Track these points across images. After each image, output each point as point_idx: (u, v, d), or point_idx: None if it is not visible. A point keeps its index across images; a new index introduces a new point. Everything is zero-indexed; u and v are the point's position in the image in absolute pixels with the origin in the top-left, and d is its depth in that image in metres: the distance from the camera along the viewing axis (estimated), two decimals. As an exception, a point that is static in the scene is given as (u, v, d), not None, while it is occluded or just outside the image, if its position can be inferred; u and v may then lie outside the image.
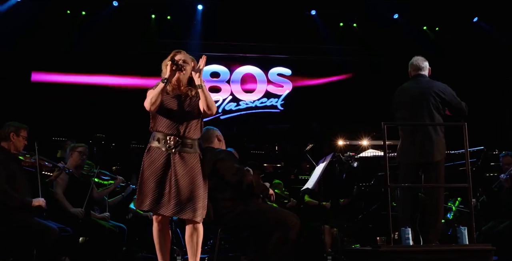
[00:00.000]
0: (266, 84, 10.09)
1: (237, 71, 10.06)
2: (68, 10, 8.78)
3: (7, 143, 4.70)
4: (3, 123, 4.83)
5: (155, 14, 9.17)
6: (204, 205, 3.76)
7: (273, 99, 10.05)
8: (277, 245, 4.36)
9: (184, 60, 3.81)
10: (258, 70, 10.13)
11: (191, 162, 3.71)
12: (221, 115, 9.88)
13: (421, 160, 4.68)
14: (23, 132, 4.75)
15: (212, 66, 9.96)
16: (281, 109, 10.03)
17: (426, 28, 9.75)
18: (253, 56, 10.08)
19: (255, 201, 4.58)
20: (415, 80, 4.93)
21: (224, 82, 10.01)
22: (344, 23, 9.70)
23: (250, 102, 10.01)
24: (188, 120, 3.72)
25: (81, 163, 5.47)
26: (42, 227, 4.46)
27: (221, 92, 9.97)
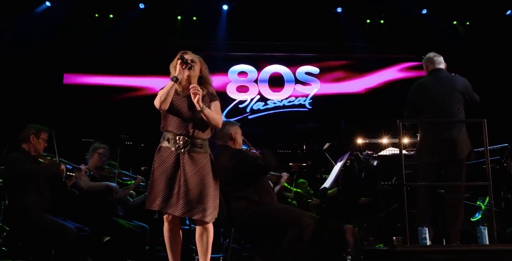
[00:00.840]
0: (293, 83, 10.03)
1: (264, 70, 10.03)
2: (96, 13, 8.93)
3: (27, 145, 4.84)
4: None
5: (181, 15, 9.23)
6: (215, 205, 3.76)
7: (301, 98, 9.98)
8: (291, 245, 4.35)
9: (192, 60, 3.83)
10: (285, 69, 10.07)
11: (201, 162, 3.72)
12: (249, 115, 9.87)
13: (444, 158, 4.57)
14: (43, 134, 4.87)
15: (239, 66, 9.97)
16: (309, 108, 9.95)
17: (456, 22, 9.51)
18: (280, 55, 10.03)
19: (268, 201, 4.57)
20: (435, 75, 4.81)
21: (252, 81, 9.99)
22: (371, 20, 9.55)
23: (278, 101, 9.96)
24: (197, 120, 3.73)
25: (101, 164, 5.57)
26: (59, 226, 4.57)
27: (248, 92, 9.95)
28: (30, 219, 4.57)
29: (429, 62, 4.90)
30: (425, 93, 4.73)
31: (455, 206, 4.56)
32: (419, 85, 4.85)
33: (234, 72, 9.96)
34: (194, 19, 9.35)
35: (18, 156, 4.76)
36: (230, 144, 4.67)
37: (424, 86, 4.78)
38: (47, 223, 4.56)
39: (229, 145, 4.66)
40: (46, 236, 4.55)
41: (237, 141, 4.70)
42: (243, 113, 9.86)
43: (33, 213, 4.59)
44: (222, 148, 4.65)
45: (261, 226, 4.49)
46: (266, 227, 4.50)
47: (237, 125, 4.76)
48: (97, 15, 8.96)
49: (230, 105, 9.82)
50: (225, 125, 4.70)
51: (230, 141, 4.67)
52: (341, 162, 5.19)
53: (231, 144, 4.68)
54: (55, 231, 4.53)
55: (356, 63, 9.93)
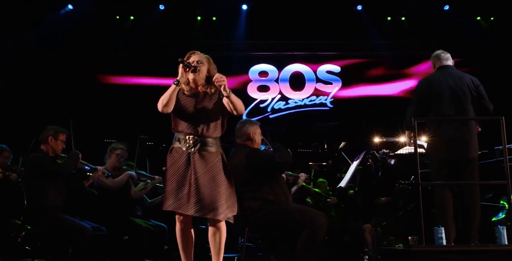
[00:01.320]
0: (314, 82, 9.99)
1: (285, 70, 10.02)
2: (117, 15, 9.03)
3: (45, 146, 4.92)
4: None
5: (201, 16, 9.27)
6: (229, 204, 3.73)
7: (322, 96, 9.94)
8: (305, 244, 4.34)
9: (198, 61, 3.81)
10: (306, 68, 10.05)
11: (212, 161, 3.71)
12: (270, 114, 9.87)
13: (455, 157, 4.50)
14: (61, 135, 4.95)
15: (260, 65, 9.98)
16: (330, 107, 9.91)
17: (480, 18, 9.35)
18: (301, 54, 10.00)
19: (283, 201, 4.56)
20: (443, 72, 4.73)
21: (273, 81, 9.99)
22: (392, 17, 9.46)
23: (299, 100, 9.94)
24: (206, 119, 3.72)
25: (118, 165, 5.61)
26: (76, 226, 4.63)
27: (269, 91, 9.95)
28: (48, 219, 4.65)
29: (436, 59, 4.82)
30: (433, 89, 4.64)
31: (472, 206, 4.48)
32: (427, 81, 4.76)
33: (255, 71, 9.97)
34: (214, 19, 9.38)
35: (38, 156, 4.85)
36: (248, 144, 4.67)
37: (432, 83, 4.69)
38: (64, 223, 4.63)
39: (247, 145, 4.66)
40: (63, 235, 4.62)
41: (255, 141, 4.69)
42: (264, 113, 9.86)
43: (50, 213, 4.66)
44: (239, 146, 4.66)
45: (275, 225, 4.48)
46: (280, 226, 4.50)
47: (257, 125, 4.76)
48: (118, 17, 9.05)
49: (251, 105, 9.83)
50: (245, 124, 4.72)
51: (248, 140, 4.68)
52: (356, 161, 5.15)
53: (249, 143, 4.68)
54: (71, 231, 4.60)
55: (377, 61, 9.83)
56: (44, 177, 4.77)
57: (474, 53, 8.96)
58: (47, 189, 4.73)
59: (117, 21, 9.12)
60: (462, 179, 4.52)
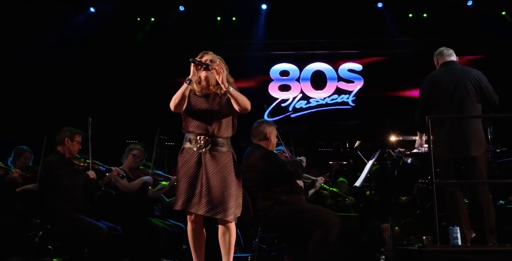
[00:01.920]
0: (336, 80, 9.93)
1: (306, 69, 9.98)
2: (138, 17, 9.13)
3: (62, 147, 5.01)
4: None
5: (220, 16, 9.30)
6: (238, 204, 3.76)
7: (344, 95, 9.87)
8: (318, 244, 4.34)
9: (211, 60, 3.83)
10: (328, 66, 9.99)
11: (223, 161, 3.73)
12: (292, 114, 9.84)
13: (460, 155, 4.43)
14: (77, 137, 5.03)
15: (281, 65, 9.97)
16: (352, 105, 9.83)
17: (505, 13, 9.15)
18: (322, 53, 9.95)
19: (295, 201, 4.56)
20: (448, 68, 4.66)
21: (294, 80, 9.96)
22: (413, 14, 9.33)
23: (320, 99, 9.89)
24: (217, 119, 3.75)
25: (135, 165, 5.68)
26: (92, 226, 4.71)
27: (291, 91, 9.93)
28: (64, 219, 4.73)
29: (439, 56, 4.76)
30: (437, 86, 4.58)
31: (483, 205, 4.40)
32: (430, 78, 4.70)
33: (276, 71, 9.96)
34: (234, 19, 9.39)
35: (53, 160, 4.93)
36: (263, 144, 4.71)
37: (435, 79, 4.62)
38: (80, 223, 4.71)
39: (262, 145, 4.69)
40: (79, 235, 4.69)
41: (271, 141, 4.73)
42: (286, 112, 9.84)
43: (66, 213, 4.75)
44: (254, 146, 4.69)
45: (287, 225, 4.50)
46: (293, 226, 4.51)
47: (273, 126, 4.80)
48: (139, 19, 9.15)
49: (273, 104, 9.82)
50: (262, 123, 4.77)
51: (264, 140, 4.72)
52: (371, 160, 5.11)
53: (264, 143, 4.71)
54: (87, 230, 4.68)
55: (399, 59, 9.71)
56: (58, 184, 4.85)
57: (498, 50, 8.79)
58: (63, 190, 4.81)
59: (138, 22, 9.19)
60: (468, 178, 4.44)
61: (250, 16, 9.29)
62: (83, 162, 5.09)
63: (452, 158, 4.48)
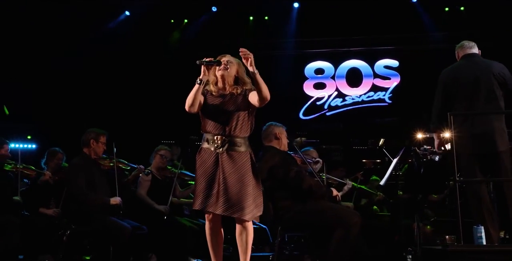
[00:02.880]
0: (372, 77, 9.80)
1: (341, 66, 9.90)
2: (172, 19, 9.27)
3: (88, 149, 5.13)
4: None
5: (253, 16, 9.33)
6: (256, 203, 3.75)
7: (380, 92, 9.74)
8: (338, 244, 4.30)
9: (228, 60, 3.86)
10: (363, 63, 9.88)
11: (240, 160, 3.74)
12: (327, 112, 9.79)
13: (483, 151, 4.28)
14: (102, 138, 5.14)
15: (316, 63, 9.93)
16: (389, 103, 9.69)
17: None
18: (357, 50, 9.84)
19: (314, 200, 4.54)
20: (469, 61, 4.49)
21: (329, 78, 9.90)
22: (449, 8, 9.10)
23: (356, 96, 9.79)
24: (234, 119, 3.76)
25: (162, 165, 5.76)
26: (116, 226, 4.81)
27: (326, 89, 9.87)
28: (89, 219, 4.85)
29: (460, 48, 4.60)
30: (457, 79, 4.42)
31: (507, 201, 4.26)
32: (450, 71, 4.53)
33: (311, 69, 9.92)
34: (266, 18, 9.40)
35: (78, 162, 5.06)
36: (275, 144, 4.70)
37: (456, 72, 4.46)
38: (104, 223, 4.81)
39: (274, 146, 4.69)
40: (105, 234, 4.81)
41: (281, 141, 4.73)
42: (321, 110, 9.79)
43: (91, 213, 4.86)
44: (267, 148, 4.69)
45: (307, 224, 4.47)
46: (313, 225, 4.48)
47: (282, 127, 4.80)
48: (173, 21, 9.28)
49: (308, 103, 9.80)
50: (270, 125, 4.77)
51: (275, 140, 4.71)
52: (396, 159, 5.02)
53: (276, 143, 4.71)
54: (111, 229, 4.78)
55: (436, 54, 9.48)
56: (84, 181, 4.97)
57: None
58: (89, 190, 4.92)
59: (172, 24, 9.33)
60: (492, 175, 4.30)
61: (283, 15, 9.27)
62: (108, 162, 5.21)
63: (476, 154, 4.33)
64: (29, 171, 5.41)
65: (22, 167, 5.36)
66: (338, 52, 9.90)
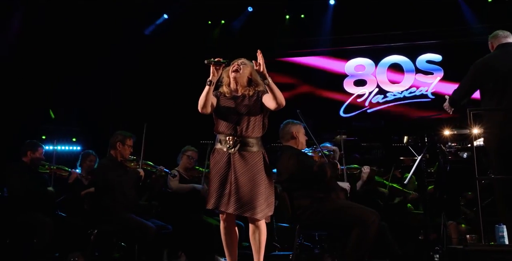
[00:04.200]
0: (414, 72, 9.58)
1: (382, 62, 9.73)
2: (209, 20, 9.38)
3: (114, 151, 5.29)
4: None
5: (289, 14, 9.31)
6: (269, 202, 3.80)
7: (422, 88, 9.50)
8: (356, 243, 4.28)
9: (242, 62, 3.90)
10: (405, 59, 9.67)
11: (252, 160, 3.79)
12: (368, 109, 9.65)
13: None
14: (128, 141, 5.28)
15: (356, 59, 9.80)
16: (432, 98, 9.43)
17: None
18: (398, 45, 9.63)
19: (333, 198, 4.52)
20: (503, 50, 4.31)
21: (370, 74, 9.75)
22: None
23: (398, 93, 9.60)
24: (246, 120, 3.82)
25: (189, 166, 5.86)
26: (140, 225, 4.93)
27: (366, 85, 9.72)
28: (115, 218, 5.00)
29: (494, 38, 4.42)
30: (490, 71, 4.26)
31: None
32: (484, 62, 4.36)
33: (351, 66, 9.81)
34: (302, 16, 9.37)
35: (105, 163, 5.23)
36: (292, 143, 4.71)
37: (489, 63, 4.29)
38: (129, 222, 4.95)
39: (291, 145, 4.69)
40: (129, 233, 4.95)
41: (299, 139, 4.73)
42: (362, 107, 9.67)
43: (117, 213, 5.00)
44: (284, 148, 4.71)
45: (325, 223, 4.46)
46: (330, 224, 4.47)
47: (300, 125, 4.79)
48: (210, 22, 9.40)
49: (348, 100, 9.69)
50: (287, 124, 4.78)
51: (292, 139, 4.72)
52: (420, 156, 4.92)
53: (293, 143, 4.71)
54: (135, 229, 4.91)
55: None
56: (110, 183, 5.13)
57: None
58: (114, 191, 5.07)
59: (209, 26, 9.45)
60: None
61: (319, 12, 9.21)
62: (134, 164, 5.34)
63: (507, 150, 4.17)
64: (62, 172, 5.63)
65: (55, 168, 5.60)
66: (379, 48, 9.72)
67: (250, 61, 3.90)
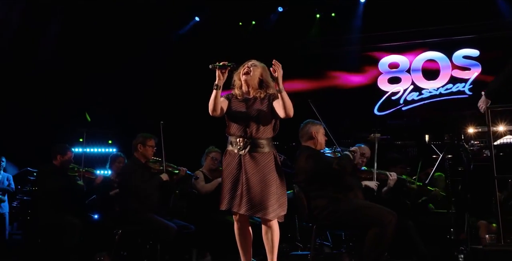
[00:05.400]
0: (450, 69, 9.35)
1: (417, 59, 9.54)
2: (240, 22, 9.45)
3: (137, 153, 5.41)
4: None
5: (320, 13, 9.27)
6: (280, 203, 3.82)
7: (459, 84, 9.27)
8: (373, 243, 4.27)
9: (252, 64, 3.94)
10: (440, 54, 9.44)
11: (263, 161, 3.82)
12: (403, 107, 9.48)
13: None
14: (149, 141, 5.40)
15: (389, 57, 9.64)
16: (469, 94, 9.19)
17: None
18: (433, 41, 9.43)
19: (349, 198, 4.50)
20: None
21: (404, 71, 9.58)
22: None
23: (433, 90, 9.39)
24: (256, 122, 3.85)
25: (213, 167, 5.93)
26: (161, 225, 5.04)
27: (401, 83, 9.56)
28: (138, 219, 5.12)
29: None
30: None
31: None
32: None
33: (385, 63, 9.66)
34: (333, 15, 9.31)
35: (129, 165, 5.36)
36: (310, 144, 4.71)
37: None
38: (151, 223, 5.06)
39: (309, 145, 4.69)
40: (151, 234, 5.06)
41: (318, 140, 4.72)
42: (396, 105, 9.51)
43: (140, 214, 5.12)
44: (302, 148, 4.72)
45: (342, 223, 4.45)
46: (347, 224, 4.46)
47: (319, 125, 4.77)
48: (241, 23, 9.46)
49: (382, 98, 9.56)
50: (307, 124, 4.77)
51: (310, 140, 4.71)
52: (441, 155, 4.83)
53: (312, 143, 4.70)
54: (157, 229, 5.02)
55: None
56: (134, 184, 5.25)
57: None
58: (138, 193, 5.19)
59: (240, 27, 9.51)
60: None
61: (349, 10, 9.13)
62: (158, 166, 5.45)
63: None
64: (91, 174, 5.81)
65: (84, 170, 5.78)
66: (413, 45, 9.55)
67: (260, 62, 3.93)
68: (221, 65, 3.78)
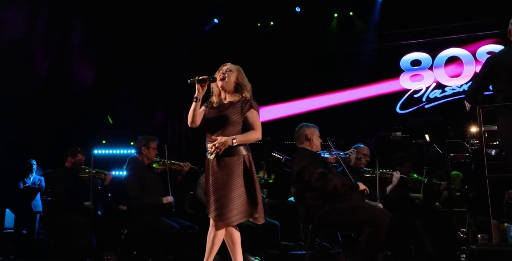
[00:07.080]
0: (474, 65, 9.16)
1: (440, 56, 9.42)
2: (258, 23, 9.50)
3: (141, 155, 5.52)
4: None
5: (337, 13, 9.24)
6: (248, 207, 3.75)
7: (484, 80, 9.05)
8: (367, 242, 4.26)
9: (227, 68, 3.97)
10: (463, 51, 9.30)
11: (230, 165, 3.78)
12: (425, 104, 9.37)
13: None
14: (152, 143, 5.50)
15: (411, 54, 9.57)
16: (494, 91, 8.97)
17: None
18: (456, 37, 9.27)
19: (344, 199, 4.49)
20: None
21: (426, 69, 9.47)
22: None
23: (457, 87, 9.24)
24: (224, 127, 3.84)
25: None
26: (165, 226, 5.13)
27: (423, 80, 9.45)
28: (142, 219, 5.23)
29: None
30: (505, 64, 4.01)
31: None
32: (502, 55, 4.10)
33: (407, 61, 9.57)
34: (351, 14, 9.25)
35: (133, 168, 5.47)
36: (306, 145, 4.72)
37: (505, 56, 4.04)
38: (155, 223, 5.16)
39: (305, 147, 4.71)
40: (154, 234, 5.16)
41: (313, 142, 4.73)
42: (419, 103, 9.40)
43: (144, 214, 5.23)
44: (297, 151, 4.74)
45: (336, 223, 4.44)
46: (342, 224, 4.46)
47: (314, 128, 4.78)
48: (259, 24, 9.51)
49: (404, 96, 9.46)
50: (302, 126, 4.80)
51: (306, 141, 4.74)
52: (443, 154, 4.77)
53: (307, 145, 4.73)
54: (161, 229, 5.11)
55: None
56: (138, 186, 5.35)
57: None
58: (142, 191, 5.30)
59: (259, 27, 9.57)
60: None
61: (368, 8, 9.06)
62: (162, 165, 5.55)
63: None
64: (101, 175, 5.97)
65: (95, 172, 5.94)
66: (435, 41, 9.41)
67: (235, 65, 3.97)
68: (200, 79, 3.83)
